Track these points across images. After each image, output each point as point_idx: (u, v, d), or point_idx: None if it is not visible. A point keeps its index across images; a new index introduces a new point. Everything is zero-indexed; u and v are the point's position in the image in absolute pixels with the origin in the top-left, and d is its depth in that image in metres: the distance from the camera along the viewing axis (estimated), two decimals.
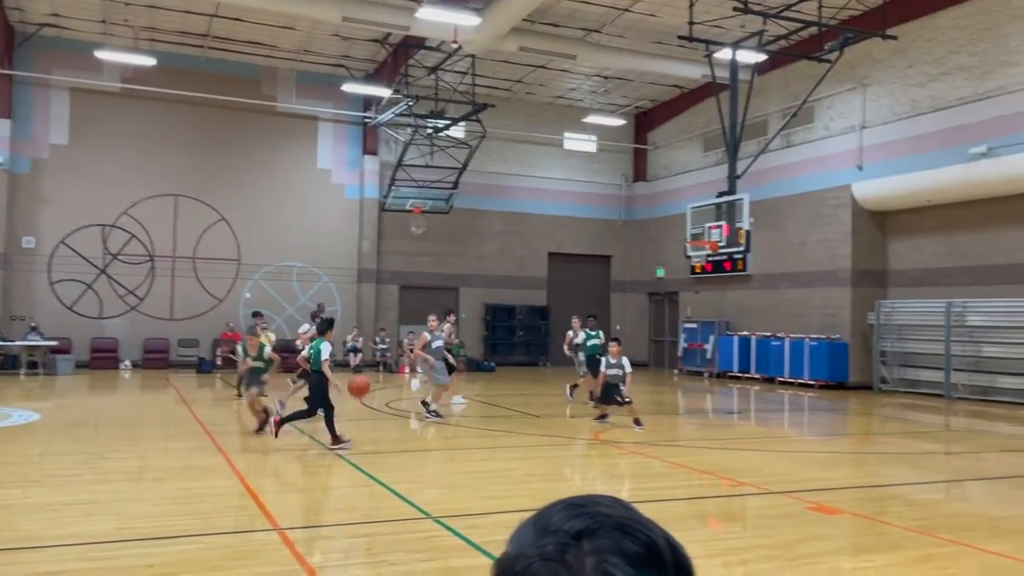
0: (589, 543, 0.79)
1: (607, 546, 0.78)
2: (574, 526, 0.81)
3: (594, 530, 0.80)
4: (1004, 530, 6.60)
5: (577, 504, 0.85)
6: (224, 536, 6.11)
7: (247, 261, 23.92)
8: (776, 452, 10.85)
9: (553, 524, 0.82)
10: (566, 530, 0.80)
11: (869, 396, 18.63)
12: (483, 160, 25.74)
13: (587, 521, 0.81)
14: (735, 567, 5.61)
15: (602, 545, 0.78)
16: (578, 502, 0.85)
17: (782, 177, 21.92)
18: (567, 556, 0.78)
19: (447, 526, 6.36)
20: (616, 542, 0.79)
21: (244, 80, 23.67)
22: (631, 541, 0.79)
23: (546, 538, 0.81)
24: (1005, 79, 16.81)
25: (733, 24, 18.53)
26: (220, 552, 5.68)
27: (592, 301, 27.78)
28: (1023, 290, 16.85)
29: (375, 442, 11.59)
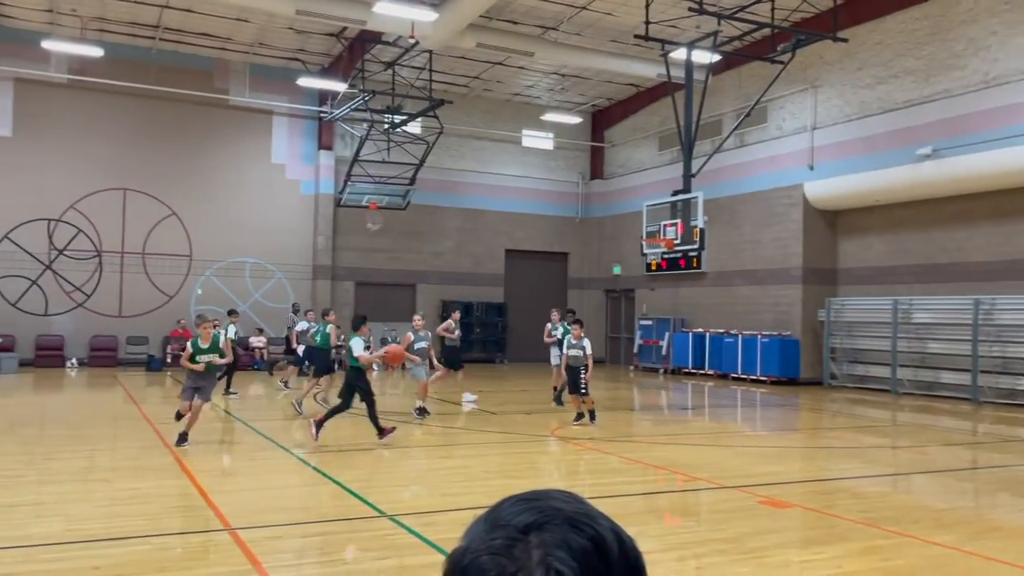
0: (536, 537, 0.79)
1: (553, 540, 0.79)
2: (523, 520, 0.82)
3: (542, 524, 0.81)
4: (947, 522, 6.79)
5: (528, 498, 0.86)
6: (174, 537, 6.00)
7: (198, 257, 23.50)
8: (729, 447, 11.01)
9: (503, 518, 0.83)
10: (515, 524, 0.81)
11: (819, 392, 19.02)
12: (440, 156, 25.64)
13: (536, 515, 0.82)
14: (688, 561, 5.69)
15: (549, 539, 0.79)
16: (530, 496, 0.86)
17: (736, 176, 22.24)
18: (514, 550, 0.79)
19: (402, 524, 6.33)
20: (563, 536, 0.79)
21: (196, 72, 23.23)
22: (577, 535, 0.80)
23: (495, 532, 0.81)
24: (950, 82, 17.27)
25: (688, 24, 18.74)
26: (170, 553, 5.58)
27: (549, 298, 27.86)
28: (965, 288, 17.36)
29: (330, 440, 11.49)
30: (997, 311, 16.49)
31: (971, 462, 10.53)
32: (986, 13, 16.66)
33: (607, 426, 12.22)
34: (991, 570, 5.41)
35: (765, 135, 21.81)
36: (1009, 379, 16.32)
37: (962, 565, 5.52)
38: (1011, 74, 16.10)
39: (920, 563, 5.55)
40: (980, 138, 16.31)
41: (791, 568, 5.47)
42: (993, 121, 16.17)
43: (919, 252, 18.58)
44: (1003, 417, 14.75)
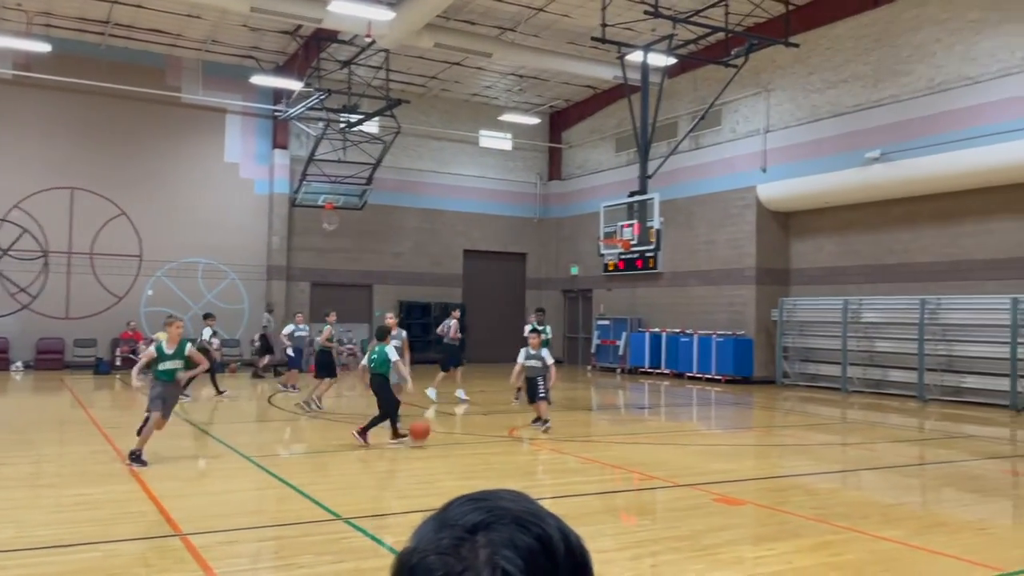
0: (484, 536, 0.80)
1: (500, 539, 0.80)
2: (470, 520, 0.82)
3: (489, 523, 0.82)
4: (894, 517, 6.96)
5: (476, 498, 0.87)
6: (125, 543, 5.88)
7: (149, 257, 23.04)
8: (684, 446, 11.14)
9: (451, 518, 0.84)
10: (462, 524, 0.82)
11: (772, 390, 19.35)
12: (398, 156, 25.52)
13: (484, 515, 0.83)
14: (644, 559, 5.74)
15: (496, 538, 0.80)
16: (478, 496, 0.87)
17: (691, 178, 22.52)
18: (461, 549, 0.79)
19: (358, 527, 6.29)
20: (510, 535, 0.80)
21: (147, 69, 22.77)
22: (524, 534, 0.81)
23: (443, 532, 0.82)
24: (898, 87, 17.70)
25: (644, 28, 18.92)
26: (121, 560, 5.47)
27: (507, 298, 27.95)
28: (912, 288, 17.81)
29: (285, 444, 11.36)
30: (942, 311, 16.95)
31: (918, 458, 10.81)
32: (930, 21, 17.12)
33: (565, 426, 12.28)
34: (937, 564, 5.55)
35: (719, 138, 22.13)
36: (954, 377, 16.78)
37: (909, 559, 5.66)
38: (954, 80, 16.57)
39: (869, 558, 5.67)
40: (925, 142, 16.75)
41: (744, 564, 5.55)
42: (938, 126, 16.63)
43: (868, 253, 19.02)
44: (948, 414, 15.17)
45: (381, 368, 10.16)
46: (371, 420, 10.18)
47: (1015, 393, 15.40)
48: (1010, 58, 15.67)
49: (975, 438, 12.34)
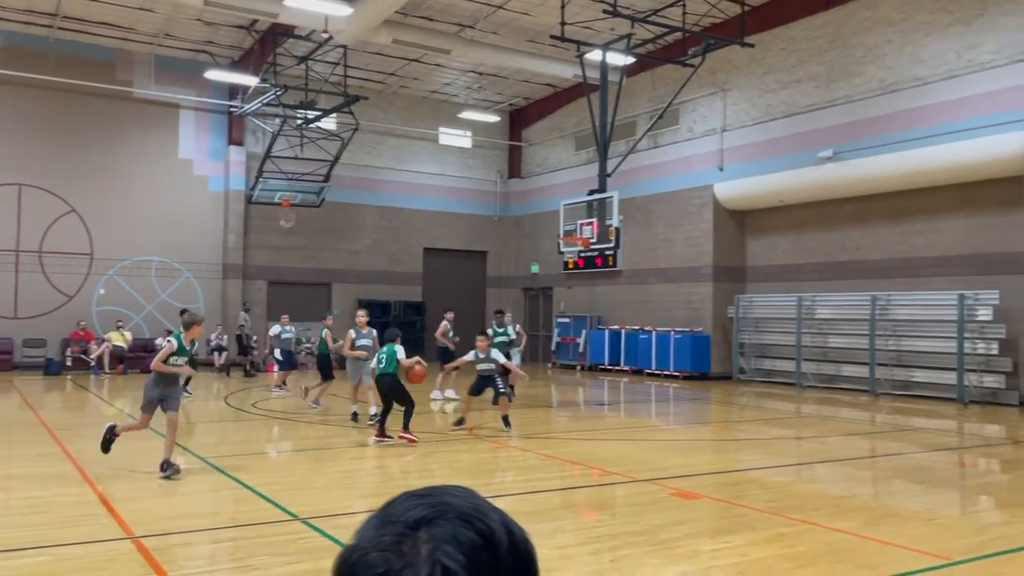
0: (426, 532, 0.80)
1: (442, 535, 0.79)
2: (413, 516, 0.82)
3: (431, 519, 0.81)
4: (846, 508, 7.10)
5: (420, 494, 0.86)
6: (75, 547, 5.75)
7: (100, 255, 22.54)
8: (643, 441, 11.24)
9: (394, 515, 0.83)
10: (404, 520, 0.82)
11: (729, 386, 19.62)
12: (356, 153, 25.32)
13: (427, 510, 0.82)
14: (603, 554, 5.78)
15: (438, 534, 0.80)
16: (422, 492, 0.87)
17: (649, 176, 22.71)
18: (403, 545, 0.79)
19: (316, 527, 6.23)
20: (452, 531, 0.80)
21: (97, 63, 22.26)
22: (467, 529, 0.80)
23: (385, 528, 0.82)
24: (850, 88, 18.06)
25: (603, 26, 19.02)
26: (71, 564, 5.34)
27: (468, 296, 27.89)
28: (863, 285, 18.20)
29: (241, 444, 11.20)
30: (892, 307, 17.34)
31: (869, 451, 11.04)
32: (882, 23, 17.49)
33: (526, 424, 12.30)
34: (886, 553, 5.68)
35: (677, 136, 22.35)
36: (903, 371, 17.19)
37: (860, 549, 5.78)
38: (904, 81, 16.95)
39: (821, 549, 5.78)
40: (877, 142, 17.12)
41: (700, 557, 5.62)
42: (889, 126, 17.00)
43: (821, 251, 19.38)
44: (898, 408, 15.53)
45: (391, 367, 10.15)
46: (405, 418, 10.14)
47: (962, 387, 15.83)
48: (956, 60, 16.09)
49: (924, 431, 12.65)
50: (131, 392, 17.36)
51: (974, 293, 15.87)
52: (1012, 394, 15.39)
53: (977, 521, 7.22)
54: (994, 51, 15.50)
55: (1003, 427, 13.20)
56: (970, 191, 16.38)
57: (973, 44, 15.84)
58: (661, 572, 5.32)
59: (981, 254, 16.34)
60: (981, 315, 15.72)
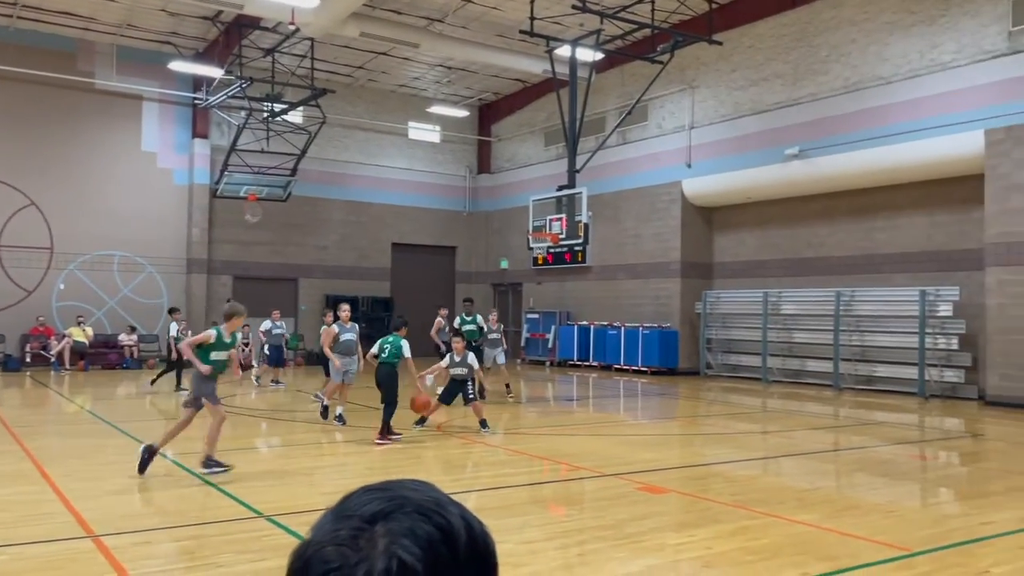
0: (383, 526, 0.79)
1: (399, 528, 0.78)
2: (370, 510, 0.81)
3: (388, 513, 0.80)
4: (809, 501, 7.19)
5: (378, 488, 0.85)
6: (33, 546, 5.62)
7: (61, 250, 22.10)
8: (611, 436, 11.29)
9: (351, 509, 0.82)
10: (361, 514, 0.80)
11: (696, 381, 19.78)
12: (323, 147, 25.10)
13: (383, 504, 0.81)
14: (571, 548, 5.79)
15: (395, 527, 0.78)
16: (380, 486, 0.85)
17: (618, 173, 22.80)
18: (359, 540, 0.78)
19: (280, 524, 6.17)
20: (409, 524, 0.79)
21: (58, 54, 21.80)
22: (425, 523, 0.79)
23: (341, 523, 0.80)
24: (816, 86, 18.27)
25: (573, 22, 19.04)
26: (28, 563, 5.23)
27: (437, 292, 27.78)
28: (828, 281, 18.46)
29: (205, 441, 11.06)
30: (856, 302, 17.61)
31: (833, 444, 11.20)
32: (847, 22, 17.71)
33: (493, 419, 12.27)
34: (848, 545, 5.76)
35: (646, 133, 22.45)
36: (866, 366, 17.46)
37: (822, 541, 5.86)
38: (869, 80, 17.19)
39: (784, 541, 5.85)
40: (841, 140, 17.35)
41: (666, 551, 5.66)
42: (853, 124, 17.23)
43: (787, 247, 19.61)
44: (861, 402, 15.77)
45: (392, 359, 9.96)
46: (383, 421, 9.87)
47: (923, 381, 16.12)
48: (919, 60, 16.35)
49: (885, 425, 12.86)
50: (92, 388, 17.06)
51: (935, 289, 16.17)
52: (971, 388, 15.71)
53: (936, 513, 7.35)
54: (955, 51, 15.77)
55: (962, 421, 13.47)
56: (931, 189, 16.67)
57: (935, 44, 16.10)
58: (627, 566, 5.35)
59: (942, 251, 16.65)
60: (942, 311, 16.01)
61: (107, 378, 19.10)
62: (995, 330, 14.76)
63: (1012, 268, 14.58)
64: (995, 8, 15.18)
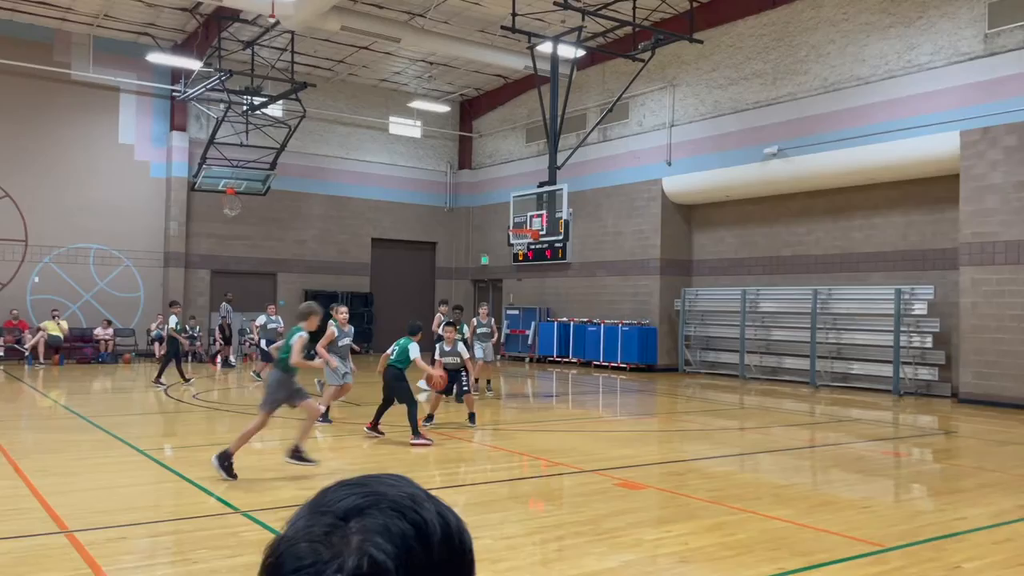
0: (357, 523, 0.78)
1: (373, 525, 0.78)
2: (344, 505, 0.80)
3: (363, 509, 0.79)
4: (785, 497, 7.26)
5: (354, 483, 0.84)
6: (5, 541, 5.55)
7: (35, 242, 21.81)
8: (590, 432, 11.32)
9: (325, 504, 0.81)
10: (335, 510, 0.80)
11: (675, 377, 19.89)
12: (304, 141, 24.94)
13: (359, 500, 0.81)
14: (549, 543, 5.81)
15: (369, 524, 0.78)
16: (356, 481, 0.85)
17: (599, 170, 22.85)
18: (332, 537, 0.77)
19: (257, 520, 6.13)
20: (384, 521, 0.78)
21: (33, 44, 21.49)
22: (399, 519, 0.79)
23: (316, 518, 0.80)
24: (795, 86, 18.40)
25: (554, 19, 19.05)
26: (0, 559, 5.16)
27: (417, 288, 27.76)
28: (806, 279, 18.62)
29: (181, 436, 10.98)
30: (833, 301, 17.78)
31: (808, 441, 11.31)
32: (826, 23, 17.85)
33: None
34: (823, 540, 5.82)
35: (627, 130, 22.52)
36: (842, 364, 17.64)
37: (797, 537, 5.92)
38: (847, 80, 17.34)
39: (760, 537, 5.90)
40: (820, 139, 17.50)
41: (643, 546, 5.69)
42: (831, 124, 17.38)
43: (765, 245, 19.75)
44: (837, 399, 15.93)
45: (398, 362, 9.92)
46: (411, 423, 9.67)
47: (897, 379, 16.31)
48: (897, 61, 16.51)
49: (860, 421, 13.00)
50: (66, 383, 16.88)
51: (910, 288, 16.36)
52: (944, 386, 15.92)
53: (910, 509, 7.45)
54: (932, 52, 15.95)
55: (936, 418, 13.65)
56: (907, 189, 16.86)
57: (912, 45, 16.27)
58: (605, 561, 5.37)
59: (917, 250, 16.84)
60: (916, 309, 16.21)
61: (82, 372, 18.89)
62: (968, 329, 14.96)
63: (985, 267, 14.79)
64: (971, 11, 15.37)
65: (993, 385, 14.52)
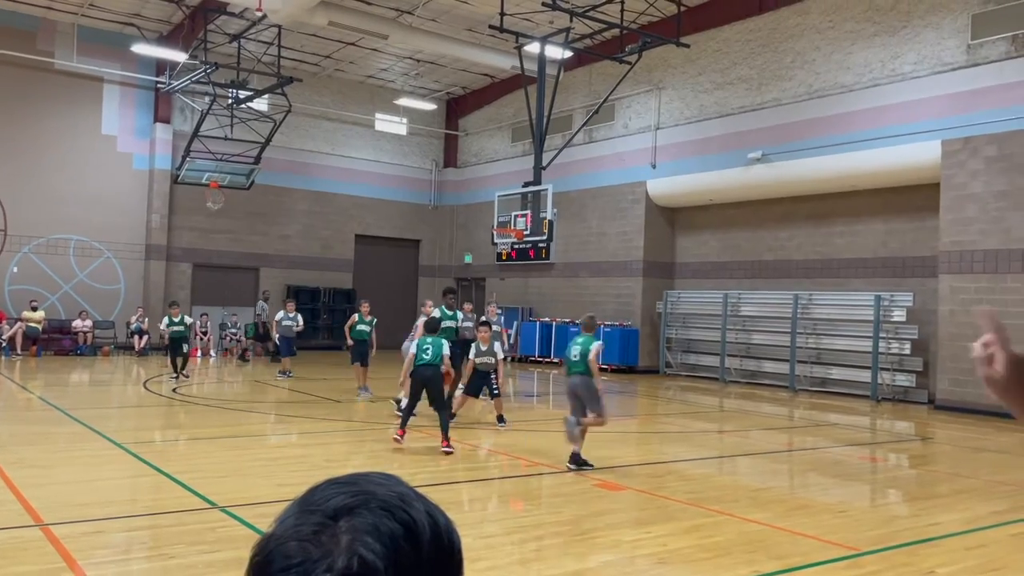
0: (346, 522, 0.78)
1: (363, 525, 0.78)
2: (333, 504, 0.80)
3: (352, 508, 0.79)
4: (762, 500, 7.32)
5: (343, 482, 0.84)
6: None
7: (15, 232, 21.56)
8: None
9: (314, 502, 0.81)
10: (324, 509, 0.80)
11: (656, 379, 19.97)
12: (289, 136, 24.82)
13: (348, 499, 0.81)
14: (528, 543, 5.83)
15: (358, 524, 0.78)
16: (345, 480, 0.85)
17: (584, 171, 22.90)
18: (322, 535, 0.77)
19: (235, 516, 6.11)
20: (373, 520, 0.78)
21: (17, 32, 21.23)
22: (389, 519, 0.79)
23: (305, 517, 0.80)
24: (779, 92, 18.53)
25: (542, 19, 19.07)
26: None
27: (400, 285, 27.69)
28: (787, 284, 18.75)
29: (159, 430, 10.91)
30: (813, 306, 17.91)
31: (787, 445, 11.40)
32: (812, 30, 17.99)
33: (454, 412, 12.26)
34: (798, 544, 5.88)
35: (612, 132, 22.58)
36: (821, 368, 17.78)
37: (773, 540, 5.97)
38: (831, 87, 17.48)
39: (737, 539, 5.95)
40: (803, 145, 17.63)
41: (621, 547, 5.72)
42: (815, 130, 17.52)
43: (748, 249, 19.87)
44: (815, 404, 16.06)
45: (437, 359, 9.49)
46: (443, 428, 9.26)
47: (875, 385, 16.47)
48: (880, 69, 16.67)
49: (838, 426, 13.12)
50: (44, 374, 16.71)
51: (889, 295, 16.52)
52: (922, 392, 16.09)
53: (885, 513, 7.53)
54: (915, 62, 16.11)
55: (912, 424, 13.80)
56: (889, 197, 17.02)
57: (896, 54, 16.43)
58: (583, 561, 5.39)
59: (897, 257, 17.01)
60: (895, 316, 16.36)
61: (60, 364, 18.71)
62: (946, 336, 15.13)
63: (964, 276, 14.96)
64: (955, 22, 15.54)
65: (969, 392, 14.68)
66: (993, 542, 6.17)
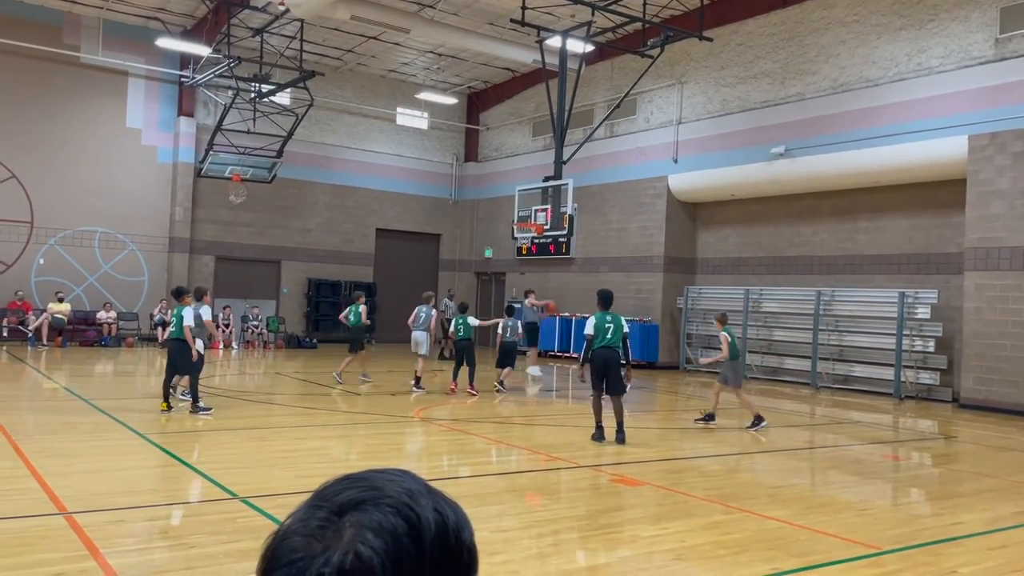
0: (351, 517, 0.78)
1: (367, 520, 0.78)
2: (341, 499, 0.80)
3: (359, 503, 0.80)
4: (781, 498, 7.27)
5: (355, 477, 0.85)
6: (5, 522, 5.59)
7: (42, 224, 21.85)
8: (588, 428, 11.31)
9: (325, 497, 0.82)
10: (331, 504, 0.80)
11: (676, 375, 19.89)
12: (310, 130, 24.93)
13: (356, 494, 0.81)
14: (545, 538, 5.83)
15: (363, 519, 0.78)
16: (357, 476, 0.85)
17: (605, 165, 22.81)
18: (327, 530, 0.77)
19: (255, 506, 6.16)
20: (378, 516, 0.78)
21: (43, 26, 21.49)
22: (393, 515, 0.79)
23: (314, 512, 0.80)
24: (803, 86, 18.34)
25: (564, 13, 19.00)
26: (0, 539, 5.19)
27: (420, 279, 27.75)
28: (809, 280, 18.58)
29: (181, 421, 11.02)
30: (836, 302, 17.74)
31: (807, 442, 11.31)
32: (837, 23, 17.78)
33: (471, 407, 12.31)
34: (819, 542, 5.83)
35: (633, 127, 22.47)
36: (844, 366, 17.62)
37: (792, 537, 5.92)
38: (856, 81, 17.28)
39: (755, 536, 5.91)
40: (827, 140, 17.44)
41: (639, 543, 5.70)
42: (839, 125, 17.32)
43: (770, 245, 19.71)
44: (837, 401, 15.93)
45: (468, 333, 13.97)
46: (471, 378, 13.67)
47: (899, 382, 16.30)
48: (907, 63, 16.45)
49: (860, 424, 13.00)
50: (68, 365, 16.93)
51: (914, 292, 16.32)
52: (946, 391, 15.90)
53: (907, 512, 7.45)
54: (942, 56, 15.88)
55: (936, 422, 13.64)
56: (914, 192, 16.81)
57: (922, 48, 16.20)
58: (601, 556, 5.39)
59: (922, 254, 16.80)
60: (920, 313, 16.17)
61: (85, 355, 18.95)
62: (971, 334, 14.93)
63: (990, 273, 14.75)
64: (983, 15, 15.29)
65: (994, 391, 14.50)
66: (1016, 542, 6.09)
